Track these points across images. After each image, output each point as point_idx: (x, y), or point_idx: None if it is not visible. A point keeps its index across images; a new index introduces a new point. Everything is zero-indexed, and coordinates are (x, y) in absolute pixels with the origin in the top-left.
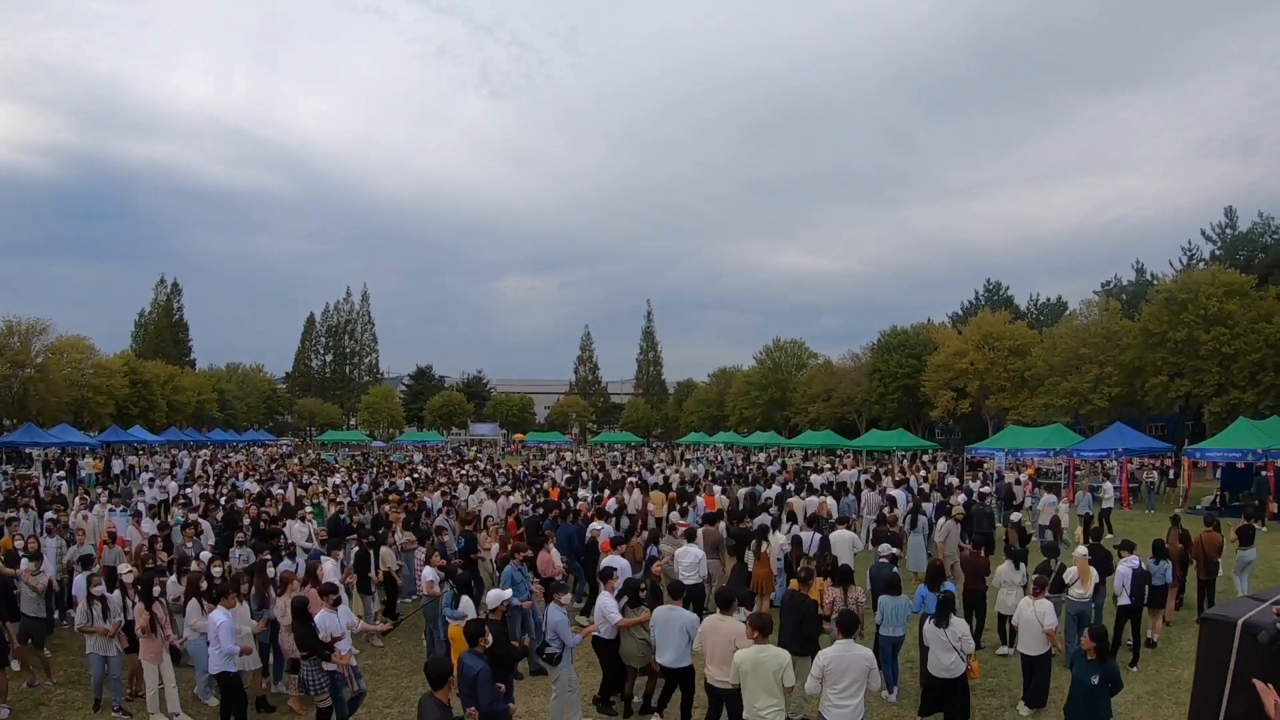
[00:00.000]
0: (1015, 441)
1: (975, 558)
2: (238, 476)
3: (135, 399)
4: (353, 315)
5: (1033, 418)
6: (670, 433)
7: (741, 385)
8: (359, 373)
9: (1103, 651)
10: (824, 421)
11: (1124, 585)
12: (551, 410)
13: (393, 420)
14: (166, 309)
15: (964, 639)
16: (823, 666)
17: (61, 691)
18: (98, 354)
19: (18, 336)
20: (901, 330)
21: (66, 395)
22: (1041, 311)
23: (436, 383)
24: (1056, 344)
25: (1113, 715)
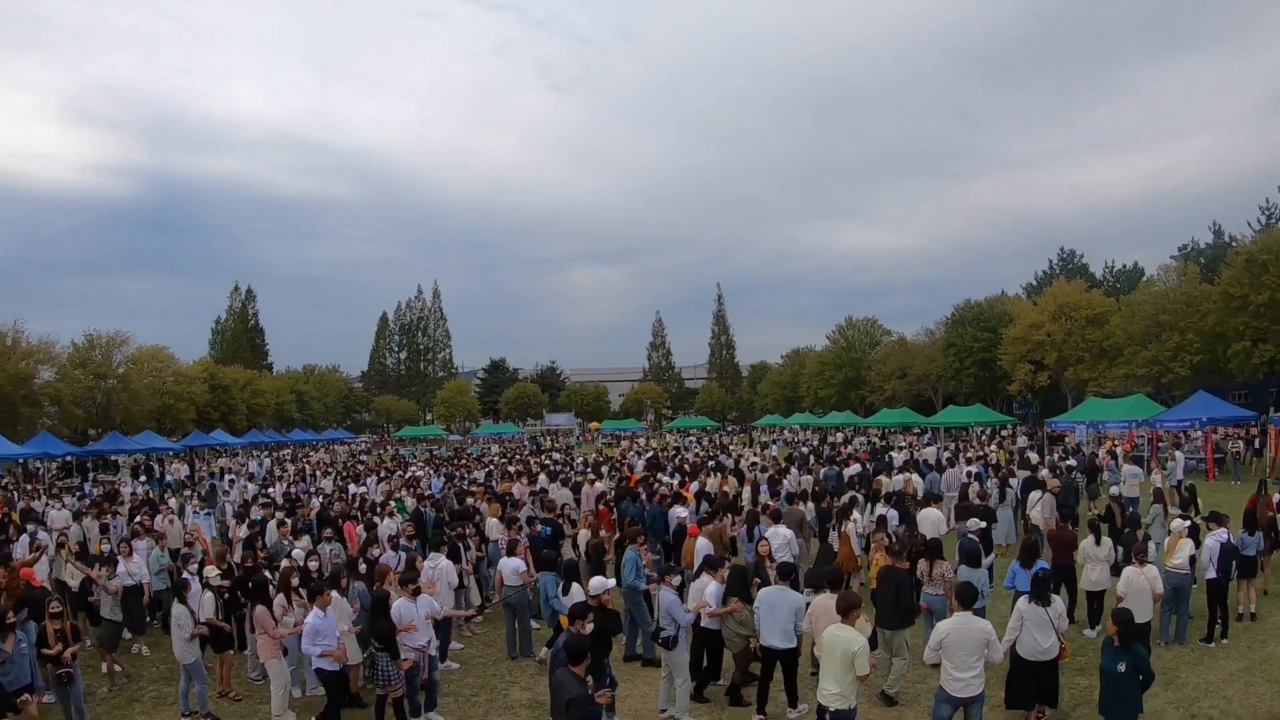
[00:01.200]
0: (1096, 414)
1: (1063, 532)
2: (317, 475)
3: (216, 404)
4: (425, 312)
5: (1113, 389)
6: (745, 416)
7: (815, 365)
8: (433, 368)
9: (1128, 637)
10: (900, 399)
11: (1211, 559)
12: (626, 398)
13: (469, 414)
14: (242, 315)
15: (1061, 617)
16: (941, 639)
17: (154, 688)
18: (177, 362)
19: (99, 349)
20: (975, 303)
21: (149, 403)
22: (1118, 279)
23: (511, 375)
24: (1135, 312)
25: (1143, 710)
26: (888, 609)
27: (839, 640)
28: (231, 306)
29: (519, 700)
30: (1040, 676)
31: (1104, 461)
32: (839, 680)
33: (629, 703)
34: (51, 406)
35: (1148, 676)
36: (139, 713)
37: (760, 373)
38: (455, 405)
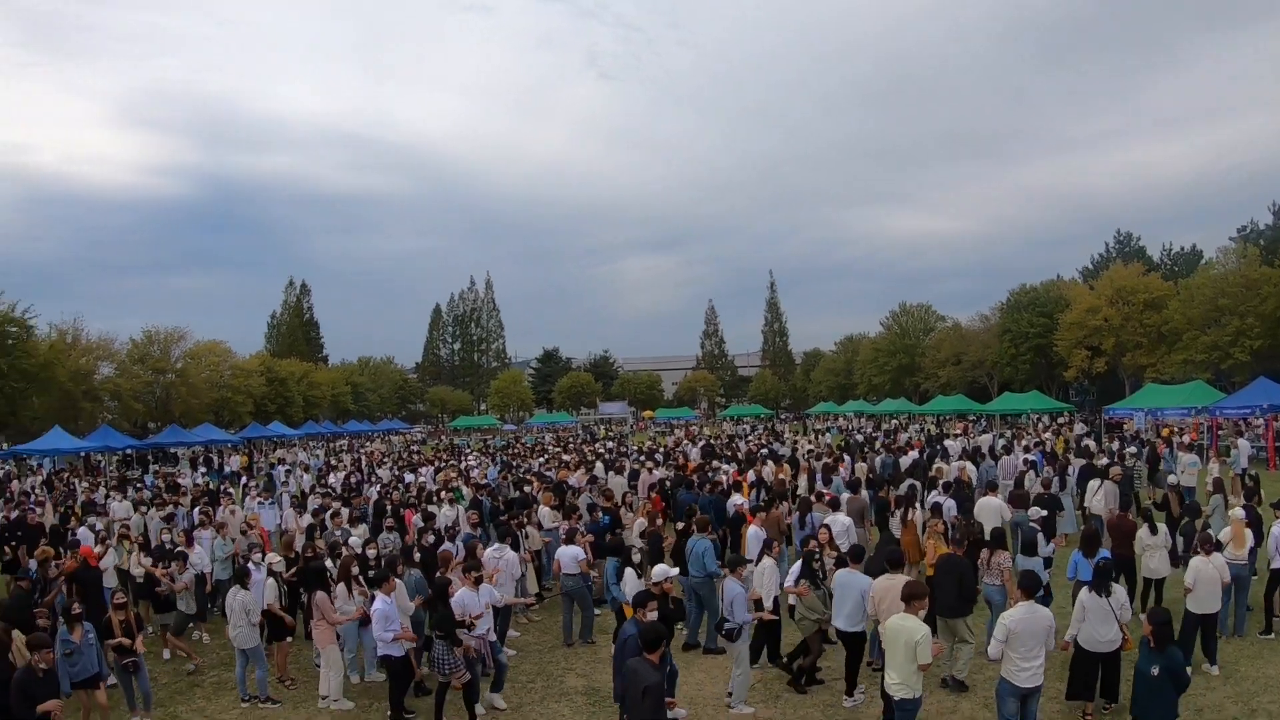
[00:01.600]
0: (1154, 400)
1: (1123, 521)
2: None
3: (273, 396)
4: (478, 303)
5: (1171, 375)
6: (799, 403)
7: (869, 352)
8: (487, 359)
9: (1164, 639)
10: (955, 386)
11: (1277, 548)
12: (679, 386)
13: (522, 403)
14: (297, 309)
15: (1124, 608)
16: (1008, 629)
17: (215, 673)
18: (234, 356)
19: (158, 345)
20: (1031, 288)
21: (207, 396)
22: (1175, 262)
23: (564, 364)
24: (1193, 295)
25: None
26: (949, 596)
27: (902, 629)
28: (286, 301)
29: (574, 687)
30: (1102, 667)
31: (1160, 449)
32: (902, 670)
33: (686, 689)
34: (112, 401)
35: (1182, 681)
36: (199, 697)
37: (814, 360)
38: (509, 395)
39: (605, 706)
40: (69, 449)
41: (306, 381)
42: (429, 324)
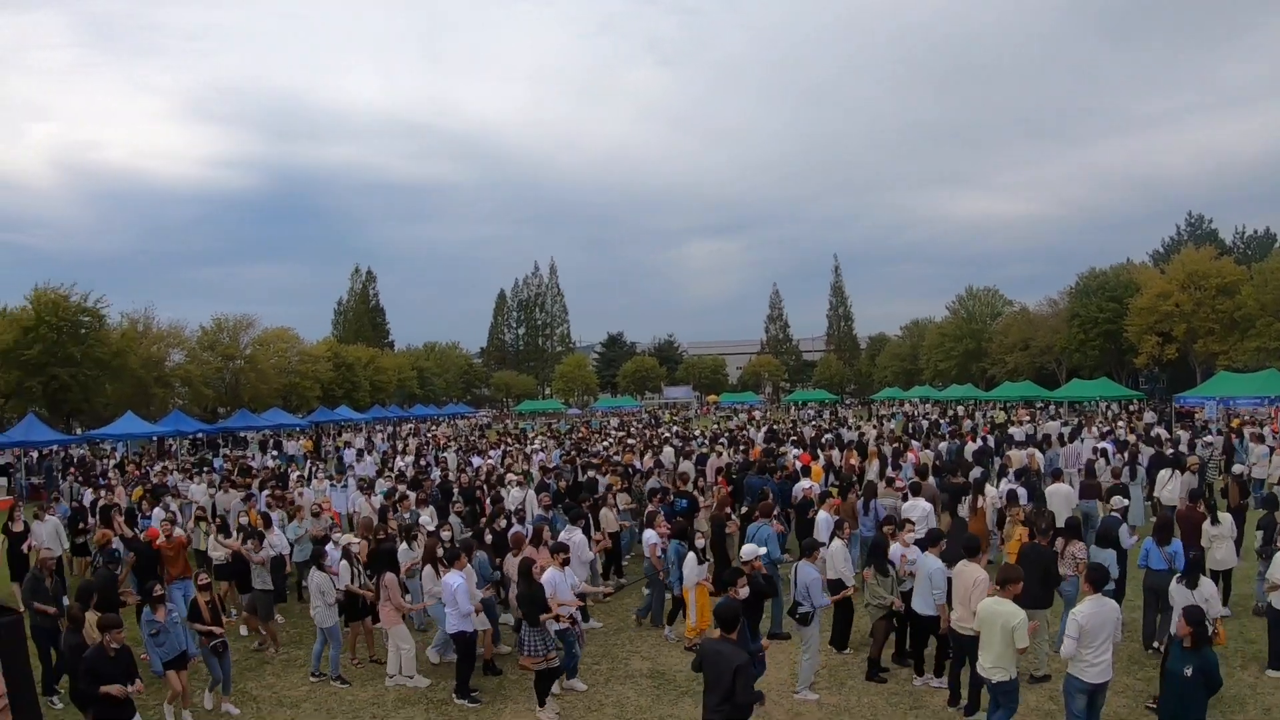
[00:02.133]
0: (1226, 389)
1: (1192, 513)
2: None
3: (340, 381)
4: (542, 288)
5: (1244, 362)
6: (864, 389)
7: (935, 337)
8: (551, 343)
9: (1200, 639)
10: (1022, 372)
11: None
12: (744, 370)
13: (587, 388)
14: (363, 296)
15: (1211, 600)
16: (1080, 624)
17: (285, 651)
18: (302, 343)
19: (227, 332)
20: (1100, 272)
21: (275, 382)
22: (1249, 245)
23: (628, 349)
24: (1267, 280)
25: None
26: (1032, 586)
27: (998, 613)
28: (353, 288)
29: (639, 669)
30: None
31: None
32: (998, 653)
33: None
34: (182, 387)
35: (1214, 683)
36: (269, 674)
37: (879, 344)
38: (574, 379)
39: (670, 690)
40: (141, 433)
41: (373, 367)
42: (494, 309)
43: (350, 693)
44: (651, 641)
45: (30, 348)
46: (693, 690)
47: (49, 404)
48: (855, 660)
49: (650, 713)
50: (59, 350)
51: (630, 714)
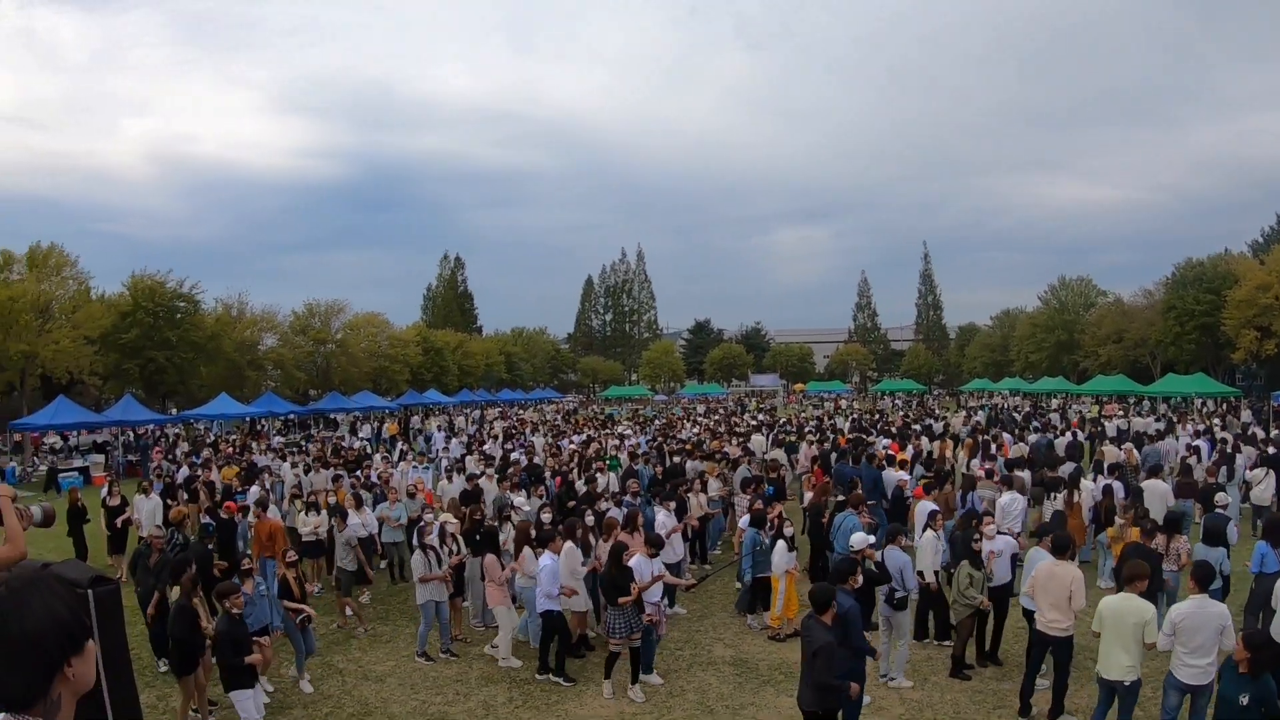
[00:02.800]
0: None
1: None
2: (526, 431)
3: (428, 365)
4: (629, 275)
5: None
6: (952, 379)
7: (1026, 328)
8: (638, 330)
9: (1260, 665)
10: (1115, 365)
11: None
12: (831, 359)
13: (673, 374)
14: (452, 282)
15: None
16: (1175, 622)
17: (371, 626)
18: (392, 327)
19: (318, 317)
20: (1197, 262)
21: (365, 365)
22: None
23: (715, 336)
24: None
25: None
26: None
27: (1129, 609)
28: (441, 274)
29: (722, 656)
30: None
31: None
32: (1131, 651)
33: None
34: (275, 370)
35: (1272, 712)
36: (355, 649)
37: (968, 334)
38: (660, 366)
39: (752, 679)
40: (234, 414)
41: (461, 351)
42: (581, 295)
43: (435, 669)
44: (735, 629)
45: (128, 331)
46: (774, 680)
47: (145, 385)
48: (939, 655)
49: (731, 700)
50: (155, 334)
51: (712, 701)
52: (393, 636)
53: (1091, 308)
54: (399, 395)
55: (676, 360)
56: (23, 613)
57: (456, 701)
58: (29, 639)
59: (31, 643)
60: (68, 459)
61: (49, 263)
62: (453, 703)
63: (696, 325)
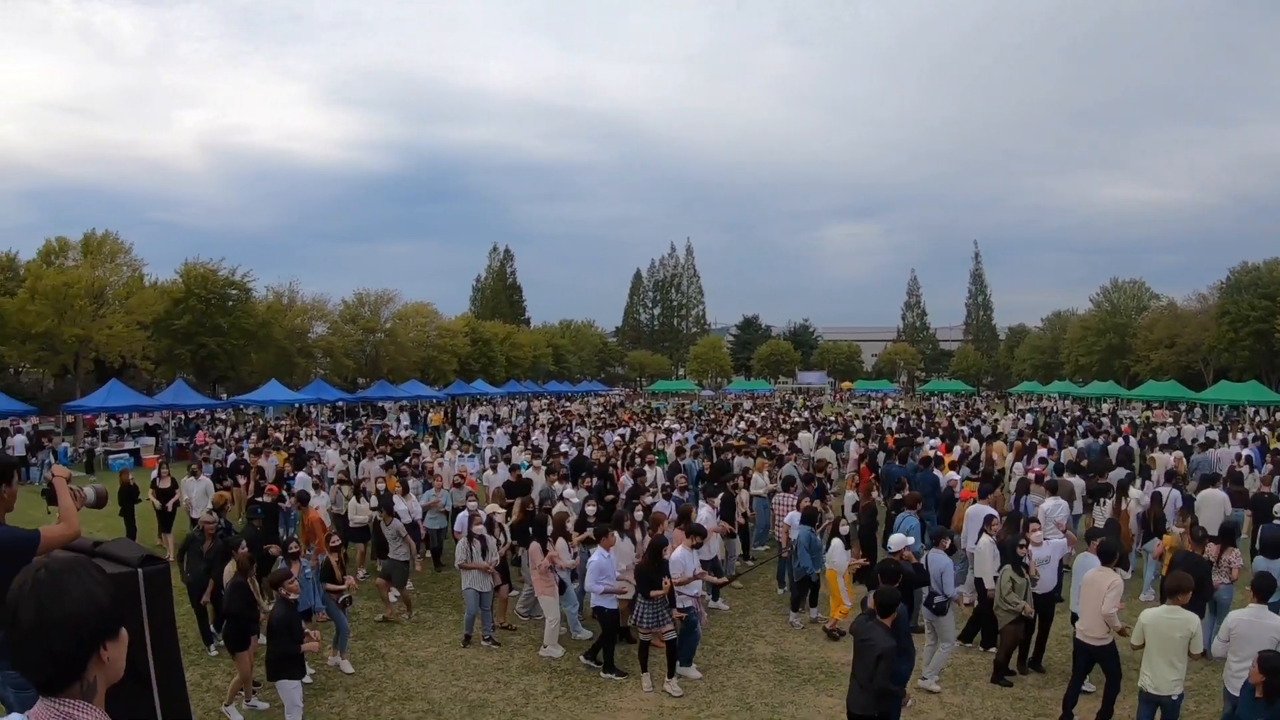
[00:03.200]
0: None
1: None
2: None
3: (476, 356)
4: (678, 269)
5: None
6: (1001, 381)
7: (1077, 330)
8: (686, 324)
9: (1274, 690)
10: (1167, 370)
11: None
12: (879, 358)
13: (720, 369)
14: (500, 274)
15: None
16: (1230, 629)
17: (415, 612)
18: (440, 318)
19: (368, 306)
20: (1254, 266)
21: (414, 355)
22: None
23: (763, 332)
24: None
25: None
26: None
27: (1174, 622)
28: (491, 266)
29: (763, 654)
30: None
31: None
32: (1178, 665)
33: None
34: (324, 358)
35: None
36: (398, 633)
37: (1018, 336)
38: (708, 361)
39: (793, 677)
40: (284, 400)
41: (509, 343)
42: (629, 289)
43: (477, 656)
44: (777, 627)
45: (180, 318)
46: (815, 679)
47: (196, 370)
48: (982, 661)
49: (771, 698)
50: (207, 320)
51: (751, 699)
52: (435, 623)
53: (1144, 311)
54: (446, 385)
55: (724, 356)
56: (62, 596)
57: (496, 689)
58: (67, 622)
59: (69, 626)
60: (119, 441)
61: (103, 249)
62: (492, 690)
63: (745, 321)
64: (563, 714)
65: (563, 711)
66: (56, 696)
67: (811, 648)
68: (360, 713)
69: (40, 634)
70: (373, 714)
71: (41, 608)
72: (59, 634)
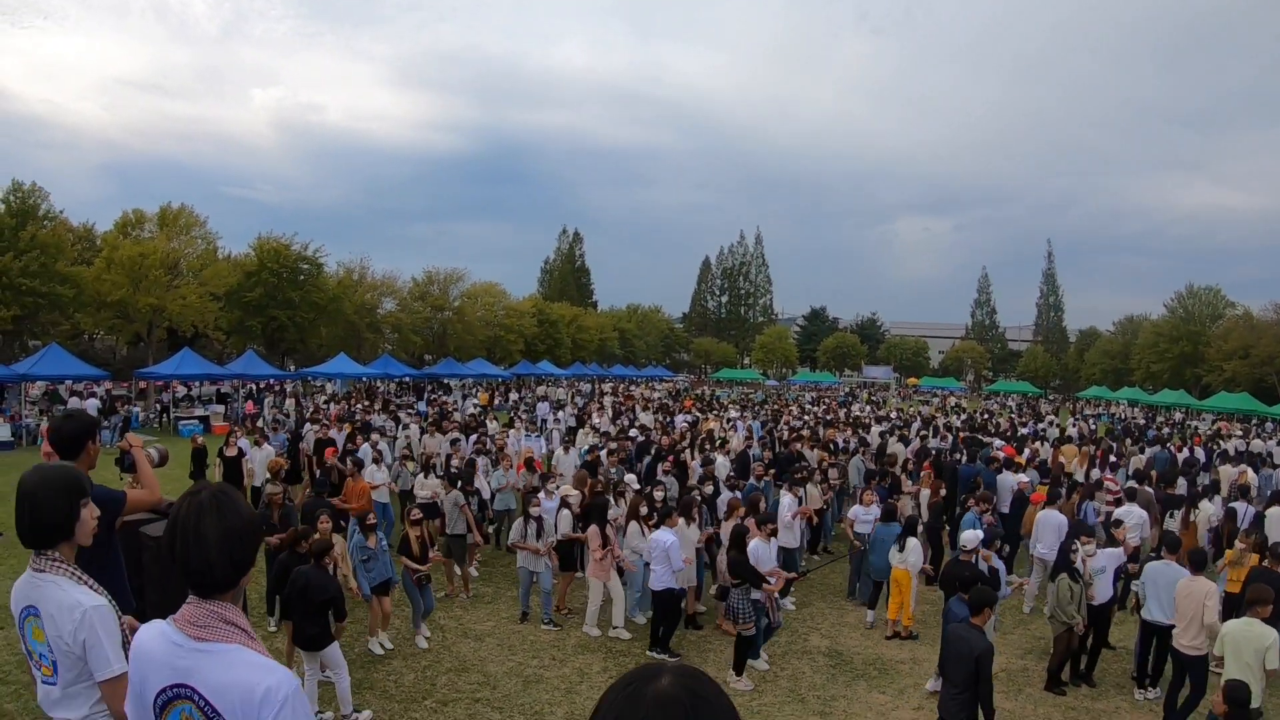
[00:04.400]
0: None
1: None
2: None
3: (542, 337)
4: (747, 258)
5: None
6: (1069, 385)
7: (1149, 336)
8: (753, 313)
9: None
10: (1240, 382)
11: None
12: (946, 355)
13: (786, 360)
14: (569, 256)
15: None
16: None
17: (474, 587)
18: (509, 298)
19: (437, 284)
20: None
21: (481, 334)
22: None
23: (830, 324)
24: None
25: None
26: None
27: (1250, 636)
28: (560, 248)
29: (817, 646)
30: None
31: None
32: (1249, 677)
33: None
34: (392, 334)
35: None
36: (457, 607)
37: (1089, 339)
38: (773, 351)
39: (846, 671)
40: (352, 374)
41: (576, 325)
42: (698, 276)
43: (534, 633)
44: (833, 620)
45: (252, 290)
46: (868, 674)
47: (267, 342)
48: (1036, 668)
49: (823, 691)
50: (278, 293)
51: (803, 691)
52: (495, 598)
53: (1219, 320)
54: (512, 365)
55: (790, 346)
56: (239, 510)
57: (552, 666)
58: (245, 530)
59: (247, 534)
60: (190, 408)
61: (179, 222)
62: (548, 666)
63: (812, 312)
64: None
65: None
66: (215, 599)
67: (866, 644)
68: (416, 681)
69: (224, 541)
70: (428, 683)
71: (223, 516)
72: (239, 541)
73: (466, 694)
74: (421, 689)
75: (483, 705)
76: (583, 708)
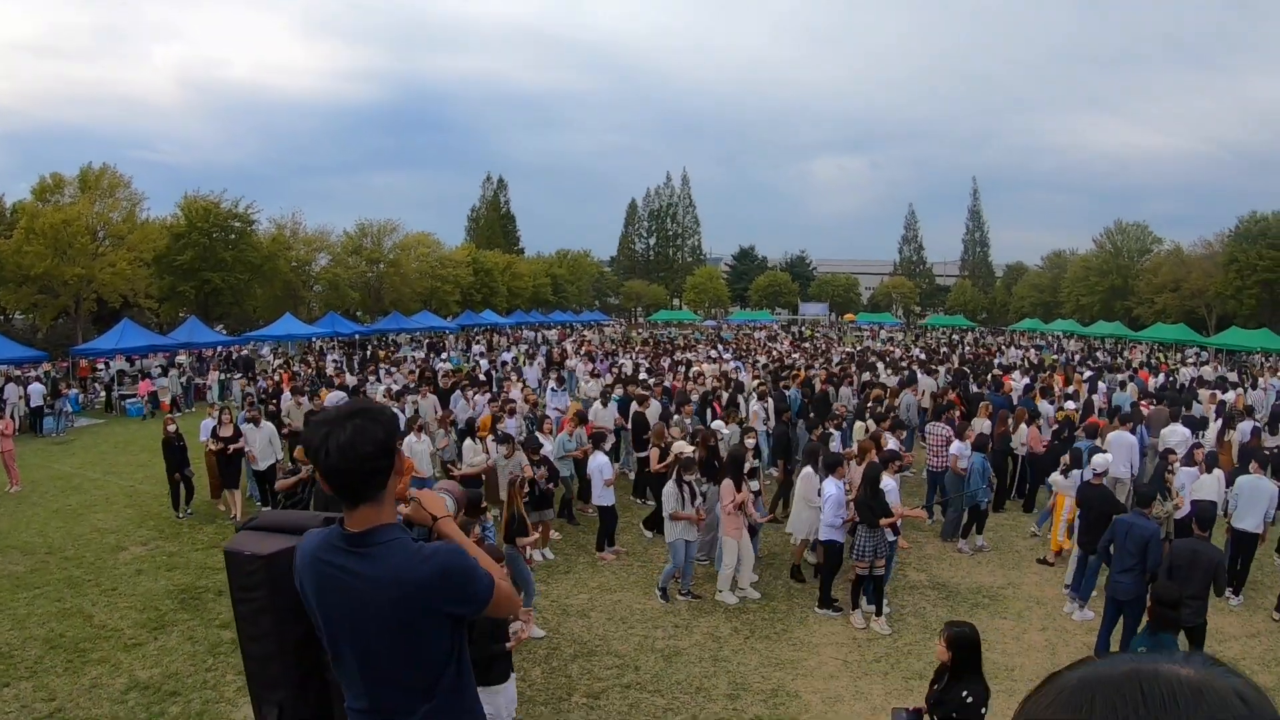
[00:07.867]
0: None
1: None
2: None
3: (478, 286)
4: (674, 199)
5: None
6: (996, 317)
7: (1078, 270)
8: (682, 254)
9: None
10: (1170, 314)
11: None
12: (875, 291)
13: (718, 300)
14: (495, 203)
15: None
16: None
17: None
18: (443, 248)
19: (370, 237)
20: (1262, 217)
21: (418, 286)
22: None
23: (760, 263)
24: None
25: None
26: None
27: None
28: (484, 195)
29: (917, 580)
30: None
31: None
32: None
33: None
34: (329, 290)
35: None
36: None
37: (1016, 273)
38: (705, 291)
39: (961, 601)
40: (300, 334)
41: (510, 272)
42: (625, 219)
43: (637, 601)
44: (918, 554)
45: (182, 253)
46: (981, 603)
47: (200, 308)
48: None
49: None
50: (210, 255)
51: (934, 626)
52: (569, 568)
53: (1146, 255)
54: (454, 315)
55: (721, 286)
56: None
57: (679, 635)
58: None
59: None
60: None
61: (102, 184)
62: (675, 636)
63: (741, 251)
64: (763, 655)
65: (762, 653)
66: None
67: (958, 573)
68: (546, 674)
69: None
70: (562, 674)
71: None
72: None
73: (611, 681)
74: (558, 683)
75: (637, 691)
76: (740, 676)
